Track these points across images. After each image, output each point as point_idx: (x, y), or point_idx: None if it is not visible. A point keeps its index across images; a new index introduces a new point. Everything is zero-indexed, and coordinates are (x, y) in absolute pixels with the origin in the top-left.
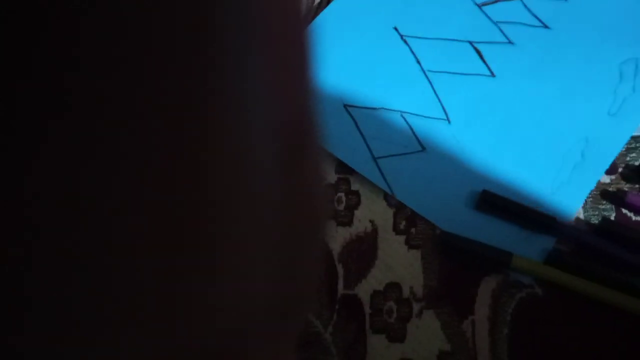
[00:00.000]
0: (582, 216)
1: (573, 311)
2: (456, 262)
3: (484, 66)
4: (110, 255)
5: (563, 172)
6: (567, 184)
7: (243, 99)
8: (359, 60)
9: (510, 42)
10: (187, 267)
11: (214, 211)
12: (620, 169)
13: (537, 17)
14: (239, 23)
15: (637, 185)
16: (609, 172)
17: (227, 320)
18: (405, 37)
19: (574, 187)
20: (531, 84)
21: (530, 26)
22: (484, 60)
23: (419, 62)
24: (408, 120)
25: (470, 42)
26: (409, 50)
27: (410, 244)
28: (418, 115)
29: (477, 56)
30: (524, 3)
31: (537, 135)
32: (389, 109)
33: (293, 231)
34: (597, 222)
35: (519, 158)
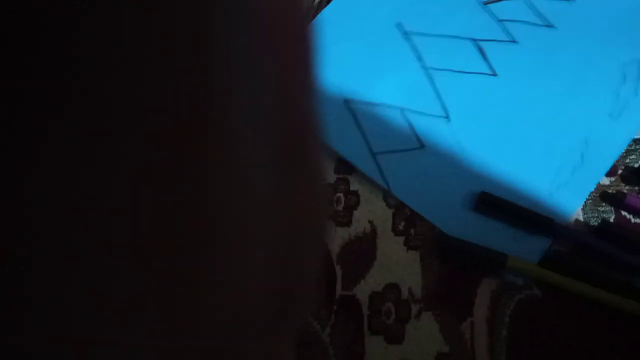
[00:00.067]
0: (581, 218)
1: (571, 313)
2: (453, 264)
3: (486, 65)
4: (110, 256)
5: (562, 174)
6: (565, 186)
7: (244, 98)
8: (360, 55)
9: (514, 41)
10: (187, 267)
11: (213, 211)
12: (619, 171)
13: (541, 16)
14: (240, 22)
15: (637, 187)
16: (608, 174)
17: (226, 320)
18: (407, 34)
19: (572, 189)
20: (533, 84)
21: (534, 25)
22: (486, 59)
23: (420, 59)
24: (408, 117)
25: (473, 39)
26: (411, 47)
27: (409, 245)
28: (418, 112)
29: (480, 54)
30: (528, 2)
31: (537, 136)
32: (389, 105)
33: (292, 231)
34: (596, 223)
35: (518, 158)
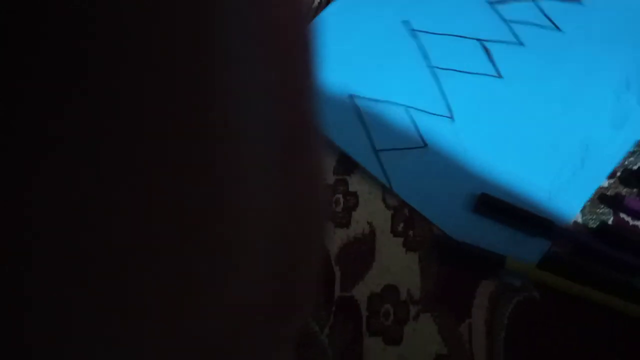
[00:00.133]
0: (580, 220)
1: (570, 314)
2: (451, 265)
3: (492, 66)
4: (111, 256)
5: (562, 178)
6: (564, 190)
7: (243, 99)
8: (367, 52)
9: (520, 43)
10: (189, 268)
11: (214, 212)
12: (618, 173)
13: (549, 19)
14: (240, 22)
15: (635, 190)
16: (607, 176)
17: (227, 321)
18: (414, 31)
19: (571, 193)
20: (537, 87)
21: (541, 27)
22: (491, 60)
23: (426, 57)
24: (412, 115)
25: (480, 40)
26: (417, 45)
27: (408, 246)
28: (422, 110)
29: (486, 55)
30: (537, 3)
31: (539, 139)
32: (394, 103)
33: (292, 232)
34: (595, 226)
35: (518, 160)
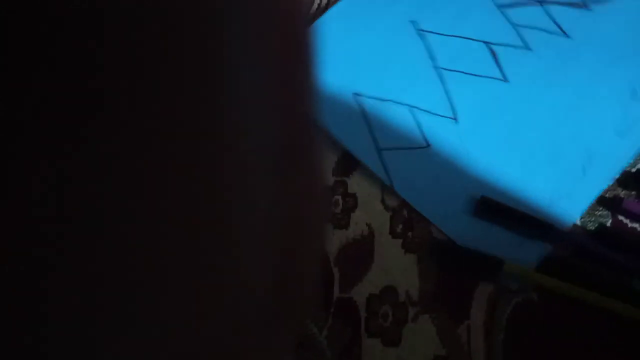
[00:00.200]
0: (578, 222)
1: (569, 316)
2: (449, 269)
3: (498, 69)
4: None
5: (563, 185)
6: (565, 197)
7: (244, 102)
8: (373, 50)
9: (527, 48)
10: (190, 268)
11: (216, 213)
12: (617, 176)
13: (557, 24)
14: (240, 26)
15: (634, 192)
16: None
17: (225, 321)
18: (421, 32)
19: (571, 201)
20: (542, 92)
21: (549, 33)
22: (498, 64)
23: (432, 58)
24: (416, 115)
25: (487, 43)
26: (424, 46)
27: (406, 248)
28: (426, 111)
29: (492, 58)
30: (545, 9)
31: (542, 145)
32: (398, 102)
33: (290, 234)
34: (593, 228)
35: (520, 165)
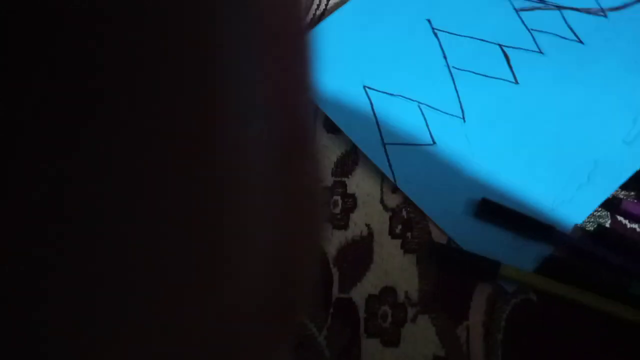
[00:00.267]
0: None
1: (568, 317)
2: (447, 271)
3: (509, 72)
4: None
5: (567, 191)
6: (568, 203)
7: (242, 105)
8: (386, 45)
9: (540, 52)
10: (190, 268)
11: (216, 213)
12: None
13: (573, 31)
14: (240, 33)
15: (633, 193)
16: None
17: (224, 322)
18: (436, 30)
19: (574, 207)
20: (552, 97)
21: (564, 39)
22: (510, 66)
23: (445, 57)
24: (424, 112)
25: (501, 45)
26: (438, 44)
27: (406, 248)
28: (435, 109)
29: (505, 60)
30: (562, 14)
31: (548, 150)
32: (407, 98)
33: (289, 234)
34: (592, 229)
35: (525, 169)
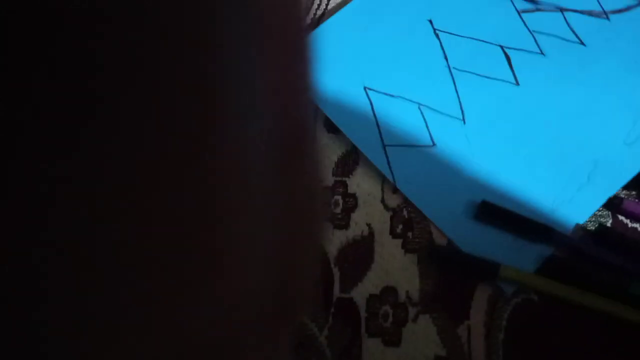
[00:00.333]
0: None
1: (569, 317)
2: (447, 273)
3: (510, 73)
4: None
5: (567, 191)
6: (568, 204)
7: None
8: (387, 46)
9: (542, 53)
10: (191, 268)
11: (215, 215)
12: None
13: (574, 32)
14: (240, 33)
15: (634, 192)
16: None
17: (224, 321)
18: (437, 31)
19: (574, 208)
20: (553, 99)
21: (565, 40)
22: (511, 67)
23: (446, 58)
24: (424, 113)
25: (502, 46)
26: (439, 45)
27: (406, 248)
28: (435, 110)
29: (506, 62)
30: (564, 16)
31: (548, 151)
32: (408, 99)
33: (289, 234)
34: (593, 228)
35: (525, 170)
